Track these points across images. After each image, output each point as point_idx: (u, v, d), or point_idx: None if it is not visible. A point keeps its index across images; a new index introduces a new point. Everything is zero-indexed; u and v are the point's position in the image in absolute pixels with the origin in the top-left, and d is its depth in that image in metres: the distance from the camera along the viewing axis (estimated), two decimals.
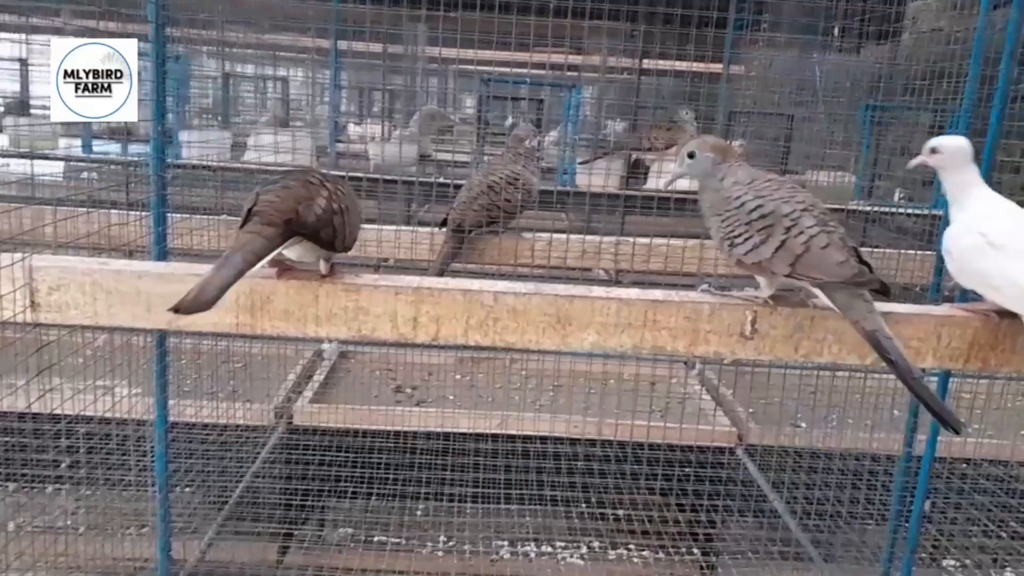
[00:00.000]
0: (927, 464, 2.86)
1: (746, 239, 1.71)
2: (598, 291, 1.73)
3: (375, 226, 2.86)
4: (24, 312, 1.73)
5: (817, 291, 1.67)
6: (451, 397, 4.17)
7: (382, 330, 1.72)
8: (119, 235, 2.83)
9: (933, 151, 1.85)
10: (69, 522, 3.67)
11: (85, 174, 6.52)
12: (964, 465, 3.60)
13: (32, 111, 7.98)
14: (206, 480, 3.63)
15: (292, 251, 1.73)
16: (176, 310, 1.48)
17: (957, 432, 1.58)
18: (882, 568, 3.07)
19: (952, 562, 3.69)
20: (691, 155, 1.87)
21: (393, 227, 2.88)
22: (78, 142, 6.29)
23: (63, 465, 3.45)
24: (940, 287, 2.64)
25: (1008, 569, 3.59)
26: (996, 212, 1.77)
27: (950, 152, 1.82)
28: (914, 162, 1.93)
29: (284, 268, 1.77)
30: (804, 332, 1.70)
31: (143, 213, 2.81)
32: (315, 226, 1.65)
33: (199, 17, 3.93)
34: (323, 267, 1.78)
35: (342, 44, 6.24)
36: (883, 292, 1.72)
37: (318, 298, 1.71)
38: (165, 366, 2.64)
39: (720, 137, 5.91)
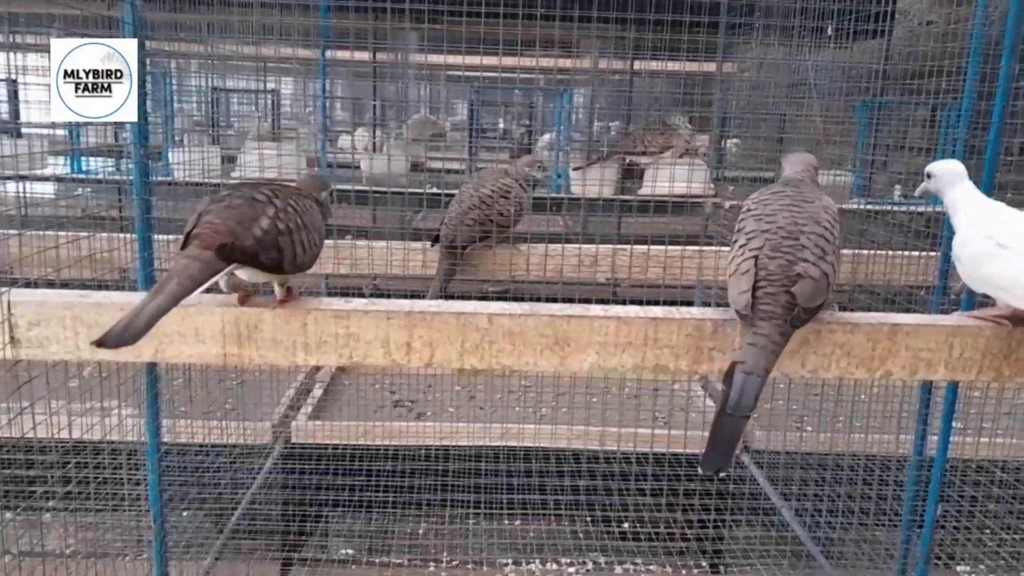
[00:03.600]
0: (939, 467, 2.80)
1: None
2: (596, 310, 1.67)
3: (366, 242, 2.80)
4: (4, 349, 1.67)
5: None
6: (451, 409, 4.11)
7: (374, 356, 1.66)
8: (110, 258, 2.78)
9: (928, 176, 1.94)
10: (69, 550, 3.61)
11: (80, 190, 6.45)
12: (976, 469, 3.53)
13: (24, 131, 7.89)
14: (205, 501, 3.57)
15: (242, 272, 1.65)
16: (100, 344, 1.39)
17: (705, 473, 1.53)
18: (896, 575, 3.01)
19: (965, 567, 3.63)
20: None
21: (384, 243, 2.82)
22: (63, 161, 6.22)
23: (59, 492, 3.39)
24: (947, 289, 2.59)
25: (1023, 573, 3.53)
26: (1000, 217, 1.79)
27: (941, 175, 1.90)
28: (918, 191, 2.02)
29: (244, 295, 1.69)
30: (810, 347, 1.64)
31: (131, 236, 2.75)
32: (253, 249, 1.56)
33: (179, 36, 3.87)
34: (278, 291, 1.70)
35: (335, 55, 6.17)
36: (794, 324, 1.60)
37: (306, 326, 1.65)
38: (156, 394, 2.57)
39: (715, 137, 5.90)
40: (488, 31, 3.27)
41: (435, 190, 5.09)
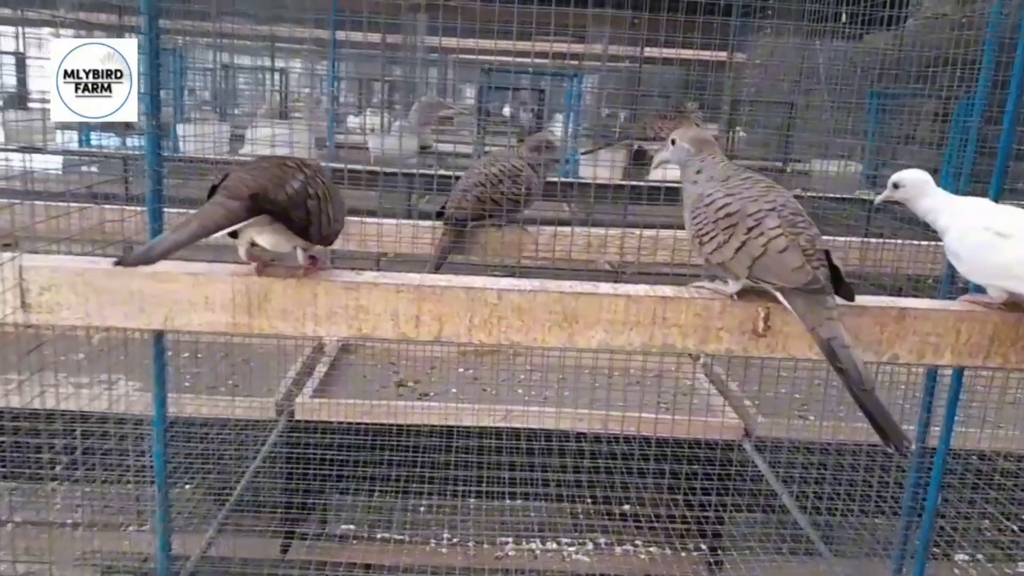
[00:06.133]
0: (941, 457, 2.81)
1: (712, 238, 1.67)
2: (605, 288, 1.68)
3: (375, 220, 2.81)
4: (15, 313, 1.68)
5: (777, 293, 1.62)
6: (454, 391, 4.12)
7: (383, 329, 1.67)
8: (117, 231, 2.79)
9: (895, 186, 1.93)
10: (70, 520, 3.64)
11: (85, 168, 6.46)
12: (978, 459, 3.53)
13: (30, 105, 7.91)
14: (208, 475, 3.59)
15: (264, 238, 1.66)
16: (120, 263, 1.50)
17: (899, 451, 1.53)
18: (894, 563, 3.03)
19: (963, 556, 3.65)
20: (673, 142, 1.93)
21: (394, 221, 2.82)
22: (75, 135, 6.23)
23: (64, 462, 3.42)
24: (954, 279, 2.59)
25: (1021, 563, 3.55)
26: (989, 208, 1.81)
27: (912, 184, 1.89)
28: (879, 198, 2.00)
29: (262, 264, 1.70)
30: None
31: (140, 208, 2.76)
32: (284, 204, 1.58)
33: (194, 8, 3.86)
34: (301, 257, 1.71)
35: (341, 35, 6.16)
36: (846, 297, 1.67)
37: (317, 296, 1.66)
38: (163, 364, 2.59)
39: (724, 126, 5.87)
40: (499, 13, 3.26)
41: (443, 172, 5.10)
